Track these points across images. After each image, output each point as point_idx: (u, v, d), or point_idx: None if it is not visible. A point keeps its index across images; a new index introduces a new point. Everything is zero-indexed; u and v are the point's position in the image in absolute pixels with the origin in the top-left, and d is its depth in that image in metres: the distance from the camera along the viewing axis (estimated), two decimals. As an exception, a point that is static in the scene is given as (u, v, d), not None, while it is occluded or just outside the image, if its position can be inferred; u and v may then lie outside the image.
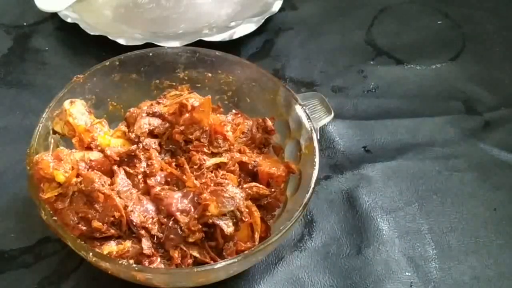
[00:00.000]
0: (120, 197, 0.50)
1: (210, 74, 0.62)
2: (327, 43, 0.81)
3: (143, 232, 0.49)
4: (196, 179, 0.51)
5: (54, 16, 0.79)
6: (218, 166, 0.54)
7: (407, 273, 0.57)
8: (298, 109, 0.57)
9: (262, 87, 0.61)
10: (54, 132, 0.55)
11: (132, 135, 0.55)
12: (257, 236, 0.51)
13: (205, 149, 0.54)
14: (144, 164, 0.53)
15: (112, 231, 0.49)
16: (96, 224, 0.48)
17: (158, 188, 0.51)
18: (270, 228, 0.54)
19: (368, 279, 0.56)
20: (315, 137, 0.54)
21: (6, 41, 0.78)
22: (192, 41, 0.74)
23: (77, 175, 0.50)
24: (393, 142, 0.68)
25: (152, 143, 0.55)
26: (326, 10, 0.86)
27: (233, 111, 0.60)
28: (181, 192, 0.51)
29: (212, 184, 0.51)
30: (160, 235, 0.49)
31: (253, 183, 0.54)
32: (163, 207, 0.50)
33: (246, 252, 0.48)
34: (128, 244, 0.49)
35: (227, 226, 0.49)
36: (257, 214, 0.52)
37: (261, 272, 0.56)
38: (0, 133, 0.66)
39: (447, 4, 0.87)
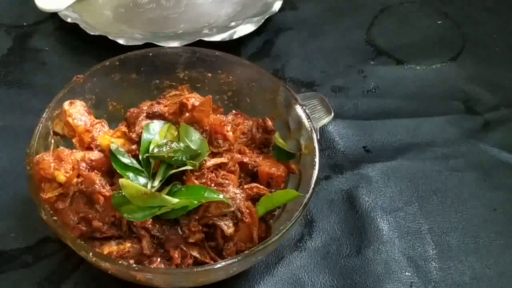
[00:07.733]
0: (120, 197, 0.50)
1: (210, 74, 0.62)
2: (327, 43, 0.81)
3: (143, 232, 0.49)
4: (196, 179, 0.51)
5: (54, 16, 0.79)
6: (218, 166, 0.54)
7: (407, 273, 0.57)
8: (298, 109, 0.57)
9: (262, 87, 0.60)
10: (55, 134, 0.55)
11: (133, 135, 0.55)
12: (256, 236, 0.51)
13: (205, 149, 0.54)
14: (144, 164, 0.53)
15: (112, 231, 0.49)
16: (96, 224, 0.48)
17: (158, 188, 0.51)
18: (270, 228, 0.54)
19: (368, 279, 0.56)
20: (315, 137, 0.54)
21: (6, 41, 0.78)
22: (192, 41, 0.74)
23: (78, 175, 0.50)
24: (393, 142, 0.68)
25: (153, 143, 0.55)
26: (326, 10, 0.86)
27: (233, 111, 0.60)
28: (181, 192, 0.51)
29: (212, 185, 0.51)
30: (161, 235, 0.49)
31: (254, 184, 0.54)
32: (163, 207, 0.50)
33: (246, 252, 0.48)
34: (128, 244, 0.49)
35: (227, 227, 0.49)
36: (257, 214, 0.51)
37: (261, 272, 0.56)
38: (0, 133, 0.66)
39: (447, 4, 0.87)
